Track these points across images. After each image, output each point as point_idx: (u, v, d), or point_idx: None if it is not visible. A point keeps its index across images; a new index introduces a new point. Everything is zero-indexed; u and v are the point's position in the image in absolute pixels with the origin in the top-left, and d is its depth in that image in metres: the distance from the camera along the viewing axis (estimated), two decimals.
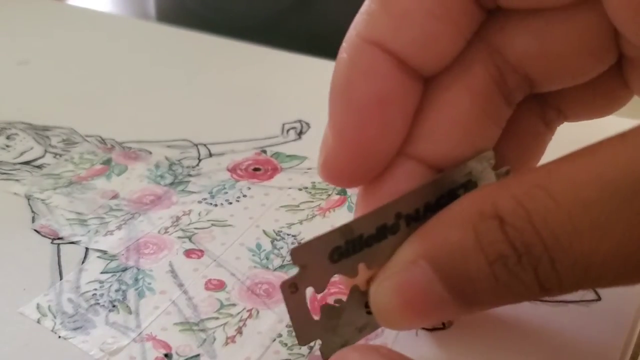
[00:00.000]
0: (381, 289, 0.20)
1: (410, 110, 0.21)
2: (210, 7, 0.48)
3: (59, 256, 0.27)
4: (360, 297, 0.21)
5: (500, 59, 0.21)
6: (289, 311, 0.20)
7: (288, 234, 0.28)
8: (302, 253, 0.19)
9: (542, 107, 0.24)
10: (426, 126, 0.21)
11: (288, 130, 0.35)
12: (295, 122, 0.35)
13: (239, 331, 0.24)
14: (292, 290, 0.20)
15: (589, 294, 0.25)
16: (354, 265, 0.20)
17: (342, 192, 0.30)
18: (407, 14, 0.20)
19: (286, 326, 0.24)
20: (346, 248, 0.20)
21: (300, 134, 0.34)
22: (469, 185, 0.21)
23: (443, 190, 0.21)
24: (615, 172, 0.17)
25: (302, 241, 0.19)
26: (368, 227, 0.20)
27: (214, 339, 0.24)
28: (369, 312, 0.21)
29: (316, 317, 0.21)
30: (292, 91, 0.38)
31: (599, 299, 0.25)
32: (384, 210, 0.20)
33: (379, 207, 0.20)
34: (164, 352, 0.23)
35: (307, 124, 0.35)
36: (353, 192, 0.30)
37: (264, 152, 0.33)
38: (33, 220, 0.28)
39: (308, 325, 0.20)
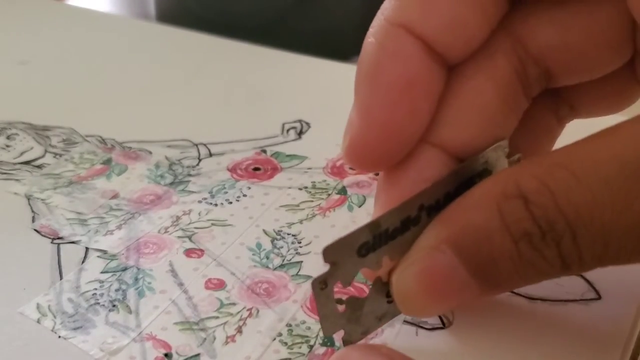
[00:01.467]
0: (404, 276, 0.20)
1: (435, 96, 0.21)
2: (210, 7, 0.48)
3: (59, 256, 0.27)
4: (381, 287, 0.22)
5: (523, 50, 0.22)
6: (318, 307, 0.21)
7: (288, 234, 0.28)
8: (332, 251, 0.20)
9: (556, 102, 0.24)
10: (450, 113, 0.21)
11: (288, 130, 0.35)
12: (295, 122, 0.35)
13: (239, 330, 0.24)
14: (321, 287, 0.21)
15: (588, 293, 0.25)
16: (378, 258, 0.21)
17: (342, 192, 0.30)
18: None
19: (286, 325, 0.24)
20: (373, 242, 0.20)
21: (300, 133, 0.34)
22: (484, 173, 0.22)
23: (462, 179, 0.21)
24: (634, 151, 0.18)
25: (333, 240, 0.20)
26: (394, 220, 0.20)
27: (214, 338, 0.24)
28: (389, 301, 0.21)
29: (341, 310, 0.21)
30: (292, 91, 0.38)
31: (599, 297, 0.25)
32: (409, 204, 0.20)
33: (404, 201, 0.20)
34: (164, 351, 0.23)
35: (307, 123, 0.35)
36: (353, 192, 0.30)
37: (264, 151, 0.33)
38: (33, 220, 0.29)
39: (334, 318, 0.21)
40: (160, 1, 0.53)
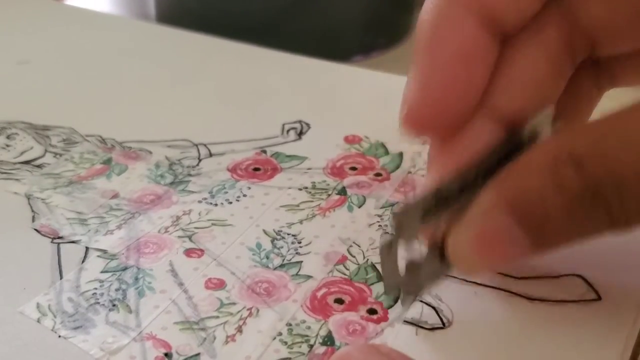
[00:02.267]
0: (462, 236, 0.22)
1: (490, 66, 0.23)
2: (210, 7, 0.48)
3: (59, 255, 0.27)
4: (436, 249, 0.23)
5: (572, 21, 0.23)
6: (383, 269, 0.24)
7: (288, 234, 0.28)
8: (400, 216, 0.22)
9: (597, 71, 0.25)
10: (504, 82, 0.23)
11: (288, 131, 0.35)
12: (295, 122, 0.35)
13: (239, 330, 0.24)
14: (387, 251, 0.23)
15: (588, 294, 0.25)
16: (437, 222, 0.22)
17: (342, 192, 0.30)
18: None
19: (286, 325, 0.24)
20: (435, 208, 0.22)
21: (300, 134, 0.34)
22: (532, 139, 0.22)
23: (512, 145, 0.22)
24: None
25: (401, 205, 0.22)
26: (452, 187, 0.22)
27: (214, 338, 0.24)
28: (443, 262, 0.23)
29: (401, 271, 0.23)
30: (293, 92, 0.38)
31: (599, 298, 0.25)
32: (466, 170, 0.22)
33: (461, 168, 0.22)
34: (164, 351, 0.23)
35: (307, 124, 0.35)
36: (352, 193, 0.30)
37: (264, 152, 0.33)
38: (33, 219, 0.29)
39: (395, 278, 0.23)
40: (160, 1, 0.53)
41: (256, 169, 0.32)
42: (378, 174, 0.31)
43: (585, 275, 0.25)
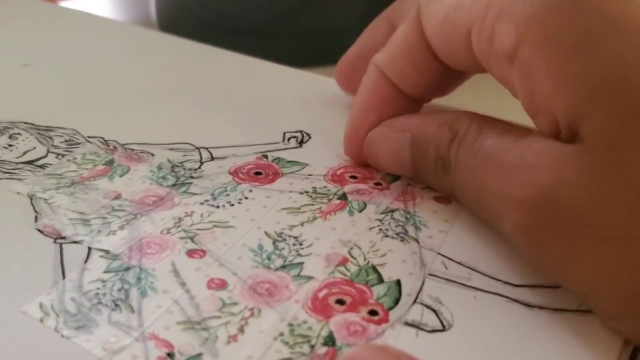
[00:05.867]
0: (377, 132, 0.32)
1: (400, 111, 0.32)
2: (211, 9, 0.48)
3: (61, 255, 0.27)
4: None
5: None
6: None
7: (289, 235, 0.28)
8: None
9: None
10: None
11: (289, 139, 0.35)
12: (296, 132, 0.35)
13: (241, 330, 0.24)
14: None
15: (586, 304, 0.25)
16: None
17: (343, 197, 0.30)
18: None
19: (287, 325, 0.24)
20: None
21: (301, 143, 0.35)
22: None
23: None
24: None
25: None
26: None
27: (216, 338, 0.24)
28: None
29: None
30: (293, 103, 0.38)
31: None
32: None
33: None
34: (167, 351, 0.23)
35: (308, 134, 0.35)
36: (353, 198, 0.30)
37: (265, 157, 0.33)
38: (36, 219, 0.29)
39: None
40: (161, 4, 0.53)
41: (257, 173, 0.32)
42: (378, 183, 0.32)
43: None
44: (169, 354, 0.23)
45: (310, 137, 0.35)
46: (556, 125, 0.24)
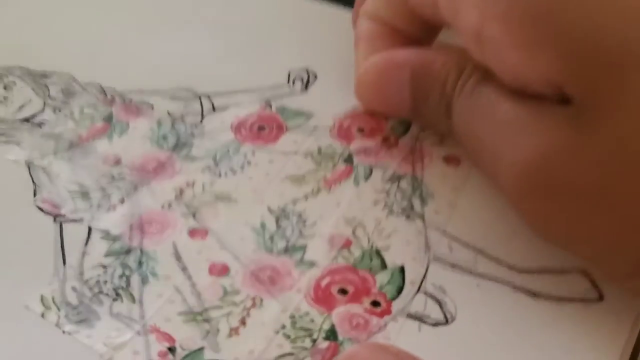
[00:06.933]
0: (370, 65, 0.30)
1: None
2: None
3: (61, 237, 0.26)
4: None
5: None
6: None
7: (293, 212, 0.28)
8: None
9: None
10: None
11: (294, 80, 0.34)
12: (301, 69, 0.34)
13: (243, 322, 0.24)
14: None
15: (591, 292, 0.25)
16: None
17: (349, 161, 0.30)
18: None
19: (289, 317, 0.24)
20: None
21: (307, 85, 0.33)
22: None
23: None
24: None
25: None
26: None
27: (218, 331, 0.24)
28: None
29: None
30: (299, 38, 0.36)
31: (600, 298, 0.25)
32: None
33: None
34: (168, 345, 0.23)
35: (315, 74, 0.34)
36: (359, 162, 0.30)
37: (269, 106, 0.32)
38: (34, 193, 0.28)
39: None
40: None
41: (261, 128, 0.31)
42: (386, 139, 0.30)
43: (590, 271, 0.25)
44: (170, 349, 0.23)
45: (316, 78, 0.34)
46: (541, 89, 0.23)
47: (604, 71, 0.21)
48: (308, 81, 0.34)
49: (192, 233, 0.27)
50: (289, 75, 0.34)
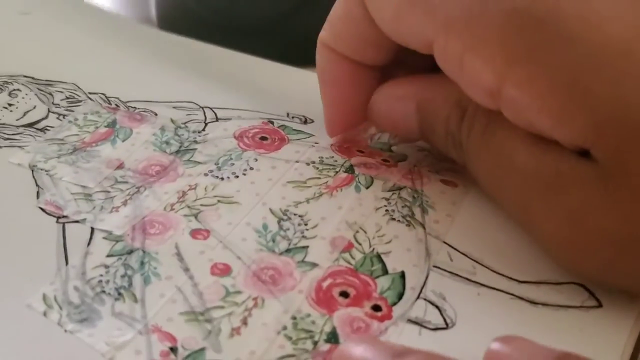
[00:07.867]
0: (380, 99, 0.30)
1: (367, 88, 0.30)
2: (211, 8, 0.47)
3: (64, 238, 0.26)
4: None
5: None
6: None
7: (295, 214, 0.28)
8: None
9: None
10: None
11: (293, 117, 0.34)
12: (299, 115, 0.34)
13: (244, 322, 0.24)
14: None
15: (590, 301, 0.25)
16: None
17: (350, 170, 0.30)
18: None
19: (291, 318, 0.24)
20: None
21: (304, 123, 0.33)
22: None
23: None
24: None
25: None
26: None
27: (219, 331, 0.24)
28: None
29: None
30: (296, 100, 0.36)
31: (600, 305, 0.25)
32: None
33: None
34: (170, 345, 0.23)
35: (312, 119, 0.34)
36: (360, 172, 0.30)
37: (271, 122, 0.33)
38: (38, 195, 0.28)
39: None
40: (161, 2, 0.51)
41: (263, 138, 0.31)
42: (385, 160, 0.31)
43: (586, 284, 0.25)
44: (172, 349, 0.23)
45: (313, 121, 0.34)
46: (562, 142, 0.24)
47: (631, 137, 0.22)
48: (306, 121, 0.34)
49: (194, 233, 0.27)
50: (288, 114, 0.34)
